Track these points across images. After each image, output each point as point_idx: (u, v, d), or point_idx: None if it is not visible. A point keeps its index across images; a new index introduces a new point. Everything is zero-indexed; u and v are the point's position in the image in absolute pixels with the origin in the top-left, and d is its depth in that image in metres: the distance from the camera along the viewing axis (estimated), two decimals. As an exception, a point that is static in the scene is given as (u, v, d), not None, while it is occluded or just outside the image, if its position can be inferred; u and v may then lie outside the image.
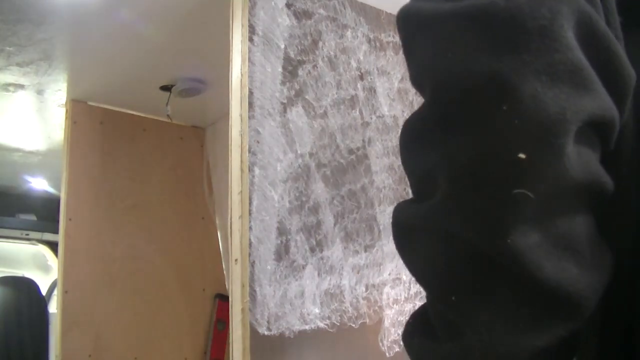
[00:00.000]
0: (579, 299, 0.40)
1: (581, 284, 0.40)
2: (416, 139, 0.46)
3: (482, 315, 0.42)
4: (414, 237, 0.46)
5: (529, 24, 0.41)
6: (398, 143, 0.52)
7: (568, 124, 0.39)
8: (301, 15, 1.39)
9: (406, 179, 0.50)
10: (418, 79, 0.48)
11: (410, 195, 0.49)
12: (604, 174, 0.42)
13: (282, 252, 1.21)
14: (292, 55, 1.34)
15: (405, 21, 0.48)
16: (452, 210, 0.42)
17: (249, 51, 1.25)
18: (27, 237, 3.29)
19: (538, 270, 0.39)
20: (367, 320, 1.31)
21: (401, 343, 1.34)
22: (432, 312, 0.48)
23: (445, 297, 0.44)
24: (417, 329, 0.51)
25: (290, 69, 1.33)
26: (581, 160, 0.40)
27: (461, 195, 0.41)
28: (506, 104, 0.40)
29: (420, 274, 0.46)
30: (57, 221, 2.05)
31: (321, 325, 1.22)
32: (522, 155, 0.39)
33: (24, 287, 2.62)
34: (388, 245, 1.39)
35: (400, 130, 0.48)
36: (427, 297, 0.48)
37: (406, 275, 1.39)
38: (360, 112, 1.45)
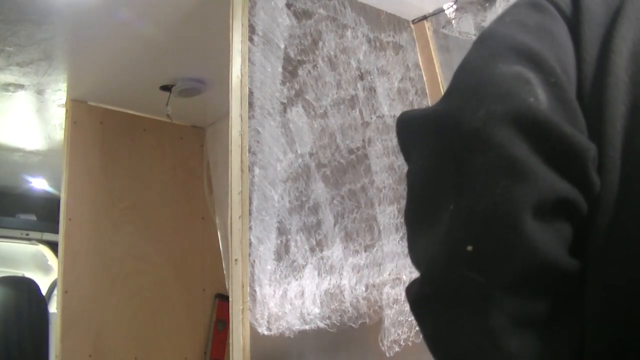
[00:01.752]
0: None
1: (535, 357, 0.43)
2: (409, 228, 0.55)
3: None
4: (419, 311, 0.52)
5: (464, 127, 0.47)
6: (398, 144, 0.59)
7: (510, 214, 0.43)
8: (301, 15, 1.39)
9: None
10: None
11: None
12: (563, 259, 0.45)
13: (282, 252, 1.21)
14: (292, 55, 1.34)
15: (398, 126, 0.58)
16: (432, 302, 0.48)
17: (249, 51, 1.25)
18: (27, 237, 3.29)
19: (498, 347, 0.43)
20: (367, 320, 1.31)
21: (401, 343, 1.34)
22: None
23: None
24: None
25: (290, 69, 1.33)
26: (544, 243, 0.44)
27: (433, 286, 0.48)
28: (453, 203, 0.46)
29: (429, 346, 0.51)
30: (57, 221, 2.05)
31: (321, 325, 1.22)
32: (469, 248, 0.44)
33: (24, 287, 2.62)
34: (388, 245, 1.39)
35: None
36: None
37: (406, 275, 1.40)
38: (360, 112, 1.45)
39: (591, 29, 0.51)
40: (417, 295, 0.50)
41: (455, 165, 0.47)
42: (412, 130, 0.54)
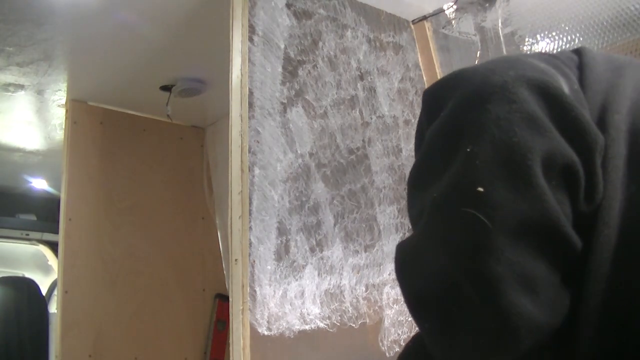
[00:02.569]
0: (524, 335, 0.44)
1: (531, 322, 0.43)
2: (412, 188, 0.56)
3: (449, 340, 0.47)
4: (404, 269, 0.53)
5: (494, 83, 0.50)
6: (398, 144, 0.61)
7: (524, 160, 0.45)
8: (301, 15, 1.39)
9: (406, 178, 0.58)
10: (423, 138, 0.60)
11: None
12: (565, 224, 0.45)
13: (282, 252, 1.21)
14: (292, 55, 1.34)
15: None
16: (427, 239, 0.49)
17: (249, 51, 1.25)
18: (27, 237, 3.29)
19: (499, 296, 0.43)
20: (367, 320, 1.31)
21: (401, 343, 1.34)
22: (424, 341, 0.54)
23: (421, 323, 0.50)
24: (415, 352, 0.58)
25: (290, 69, 1.33)
26: (549, 201, 0.45)
27: (435, 223, 0.49)
28: (470, 146, 0.47)
29: (407, 300, 0.53)
30: (57, 221, 2.05)
31: (321, 325, 1.22)
32: (480, 189, 0.45)
33: (24, 287, 2.62)
34: (388, 245, 1.39)
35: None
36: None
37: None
38: (360, 112, 1.45)
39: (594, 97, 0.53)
40: (415, 236, 0.52)
41: (477, 114, 0.49)
42: (442, 88, 0.57)
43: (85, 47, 1.77)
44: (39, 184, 3.34)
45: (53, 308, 2.39)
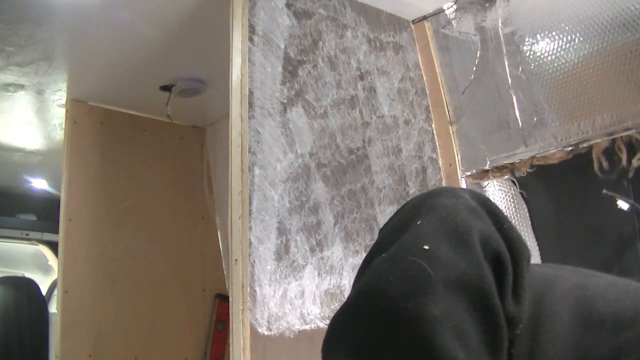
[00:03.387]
0: None
1: None
2: (361, 267, 0.60)
3: None
4: (342, 319, 0.58)
5: (445, 188, 0.58)
6: (398, 143, 0.63)
7: (467, 232, 0.52)
8: (301, 15, 1.39)
9: (406, 178, 0.61)
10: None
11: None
12: (495, 295, 0.49)
13: (282, 252, 1.21)
14: (292, 55, 1.34)
15: None
16: (373, 285, 0.52)
17: (249, 51, 1.25)
18: (27, 237, 3.29)
19: (435, 336, 0.45)
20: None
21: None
22: None
23: None
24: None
25: (290, 69, 1.33)
26: (485, 272, 0.49)
27: (380, 270, 0.53)
28: (420, 220, 0.55)
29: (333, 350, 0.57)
30: (57, 221, 2.05)
31: (321, 325, 1.22)
32: (426, 247, 0.51)
33: (24, 287, 2.62)
34: (388, 245, 1.39)
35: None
36: None
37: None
38: (360, 112, 1.45)
39: None
40: (357, 288, 0.55)
41: (427, 203, 0.58)
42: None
43: (85, 47, 1.77)
44: (39, 184, 3.34)
45: (53, 308, 2.39)
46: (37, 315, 2.56)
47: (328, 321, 1.24)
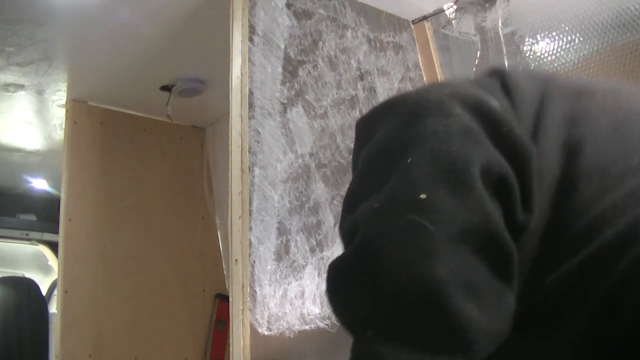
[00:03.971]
0: (474, 339, 0.43)
1: (479, 325, 0.43)
2: (344, 206, 0.56)
3: (393, 346, 0.45)
4: (339, 284, 0.51)
5: (431, 100, 0.51)
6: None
7: (465, 167, 0.46)
8: (301, 15, 1.39)
9: None
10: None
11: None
12: (504, 230, 0.46)
13: (282, 252, 1.21)
14: (292, 55, 1.34)
15: None
16: (367, 248, 0.48)
17: (249, 51, 1.25)
18: (27, 237, 3.29)
19: (446, 301, 0.43)
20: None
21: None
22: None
23: (360, 334, 0.49)
24: None
25: (290, 69, 1.33)
26: (489, 207, 0.46)
27: (374, 231, 0.48)
28: (410, 157, 0.48)
29: (342, 315, 0.51)
30: (57, 221, 2.05)
31: (321, 325, 1.22)
32: (422, 196, 0.46)
33: (24, 287, 2.62)
34: (388, 245, 1.39)
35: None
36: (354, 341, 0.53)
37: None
38: (360, 112, 1.45)
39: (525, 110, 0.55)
40: (353, 248, 0.49)
41: (414, 129, 0.50)
42: (377, 114, 0.58)
43: (85, 47, 1.77)
44: (39, 184, 3.34)
45: (53, 308, 2.39)
46: (37, 315, 2.56)
47: (328, 321, 1.24)
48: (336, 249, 1.30)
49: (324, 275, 1.25)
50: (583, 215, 0.48)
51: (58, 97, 2.13)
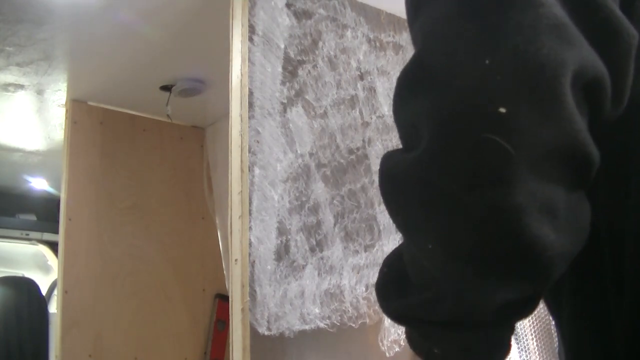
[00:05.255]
0: (549, 264, 0.40)
1: (554, 250, 0.40)
2: (406, 88, 0.46)
3: (456, 264, 0.42)
4: (397, 185, 0.46)
5: None
6: (398, 143, 0.53)
7: (555, 75, 0.39)
8: (301, 15, 1.39)
9: None
10: (412, 35, 0.51)
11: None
12: (590, 143, 0.41)
13: (282, 252, 1.21)
14: (292, 55, 1.34)
15: None
16: (433, 162, 0.42)
17: (249, 51, 1.25)
18: (27, 237, 3.29)
19: (519, 227, 0.39)
20: (367, 320, 1.31)
21: (402, 343, 1.34)
22: (407, 257, 0.50)
23: (422, 244, 0.44)
24: (391, 281, 0.54)
25: (290, 69, 1.33)
26: (578, 119, 0.40)
27: (442, 147, 0.41)
28: (489, 57, 0.40)
29: (400, 220, 0.46)
30: (57, 221, 2.05)
31: (321, 325, 1.22)
32: (502, 110, 0.38)
33: (24, 287, 2.62)
34: (388, 245, 1.39)
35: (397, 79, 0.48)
36: (405, 242, 0.49)
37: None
38: (360, 112, 1.45)
39: None
40: (416, 160, 0.43)
41: (496, 17, 0.41)
42: None
43: (85, 47, 1.77)
44: (39, 184, 3.34)
45: (53, 308, 2.39)
46: (37, 315, 2.56)
47: (328, 321, 1.24)
48: (336, 249, 1.30)
49: (324, 275, 1.26)
50: None
51: (58, 97, 2.13)
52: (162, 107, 2.13)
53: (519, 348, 1.65)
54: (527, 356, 1.65)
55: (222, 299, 2.39)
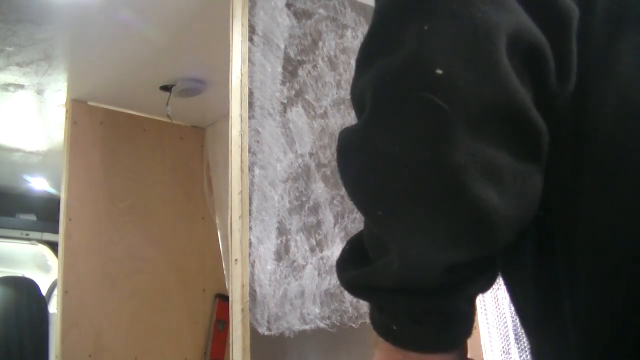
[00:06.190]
0: (493, 228, 0.40)
1: (498, 213, 0.40)
2: (357, 68, 0.48)
3: (404, 228, 0.43)
4: (347, 156, 0.47)
5: None
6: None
7: (489, 37, 0.40)
8: (301, 15, 1.39)
9: None
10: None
11: None
12: (533, 109, 0.41)
13: (282, 252, 1.21)
14: (292, 55, 1.34)
15: None
16: (376, 126, 0.43)
17: (249, 51, 1.25)
18: (27, 237, 3.29)
19: (460, 186, 0.39)
20: (367, 320, 1.30)
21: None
22: (365, 231, 0.51)
23: (372, 212, 0.45)
24: (350, 256, 0.54)
25: (290, 69, 1.33)
26: (514, 82, 0.41)
27: (382, 110, 0.43)
28: (427, 24, 0.41)
29: (351, 190, 0.47)
30: (57, 221, 2.05)
31: (321, 325, 1.22)
32: (439, 71, 0.40)
33: (24, 287, 2.62)
34: (388, 245, 1.39)
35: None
36: (362, 216, 0.49)
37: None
38: (360, 112, 1.45)
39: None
40: (362, 123, 0.44)
41: None
42: None
43: (85, 47, 1.77)
44: (39, 184, 3.34)
45: (53, 308, 2.39)
46: (37, 315, 2.56)
47: (328, 321, 1.24)
48: (336, 249, 1.30)
49: (324, 275, 1.26)
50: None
51: (58, 97, 2.13)
52: (162, 107, 2.13)
53: (519, 348, 1.65)
54: (527, 356, 1.65)
55: (222, 299, 2.39)
